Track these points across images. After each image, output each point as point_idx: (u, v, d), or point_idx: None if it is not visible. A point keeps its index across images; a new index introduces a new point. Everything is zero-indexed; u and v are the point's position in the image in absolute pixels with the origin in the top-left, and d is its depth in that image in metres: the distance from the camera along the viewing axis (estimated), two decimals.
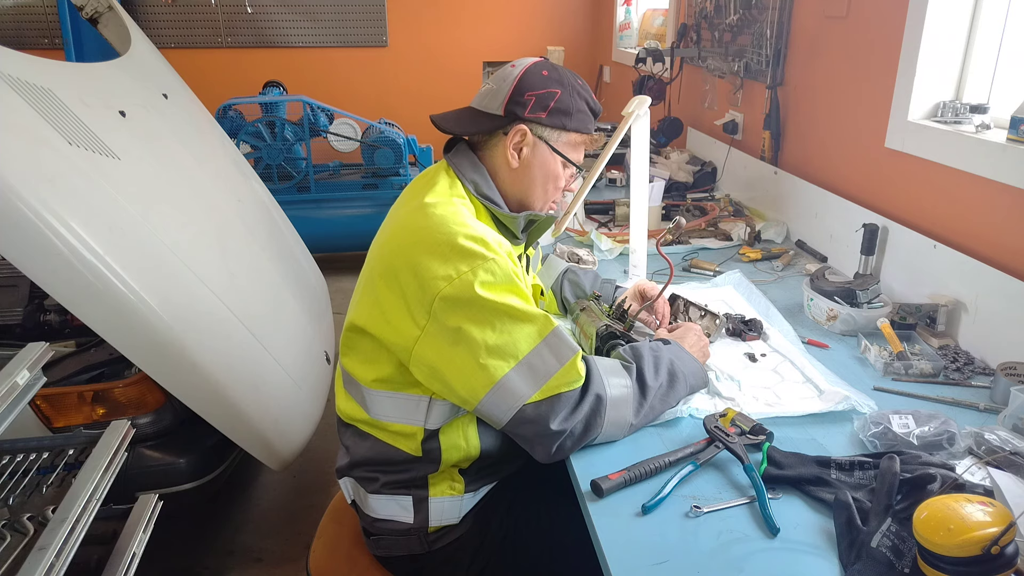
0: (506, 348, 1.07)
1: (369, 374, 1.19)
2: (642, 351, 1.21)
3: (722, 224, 2.18)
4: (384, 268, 1.14)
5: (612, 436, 1.15)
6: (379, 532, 1.27)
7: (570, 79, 1.26)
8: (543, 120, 1.23)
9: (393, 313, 1.11)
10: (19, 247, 1.54)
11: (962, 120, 1.58)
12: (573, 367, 1.09)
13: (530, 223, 1.31)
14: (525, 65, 1.25)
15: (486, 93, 1.27)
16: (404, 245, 1.13)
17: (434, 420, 1.19)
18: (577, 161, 1.31)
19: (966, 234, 1.52)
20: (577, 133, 1.27)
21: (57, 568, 1.09)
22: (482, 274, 1.07)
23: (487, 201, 1.25)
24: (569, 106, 1.24)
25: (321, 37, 4.93)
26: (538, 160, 1.26)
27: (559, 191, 1.32)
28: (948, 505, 0.81)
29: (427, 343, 1.09)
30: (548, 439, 1.08)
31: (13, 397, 1.22)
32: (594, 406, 1.10)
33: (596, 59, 5.06)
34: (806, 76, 2.17)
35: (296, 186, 3.99)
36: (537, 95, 1.22)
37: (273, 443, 1.95)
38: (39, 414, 1.85)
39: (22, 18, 4.60)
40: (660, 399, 1.18)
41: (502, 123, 1.24)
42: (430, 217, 1.14)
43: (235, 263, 2.09)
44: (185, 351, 1.72)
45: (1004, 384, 1.23)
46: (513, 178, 1.28)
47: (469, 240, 1.10)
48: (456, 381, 1.09)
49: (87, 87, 2.05)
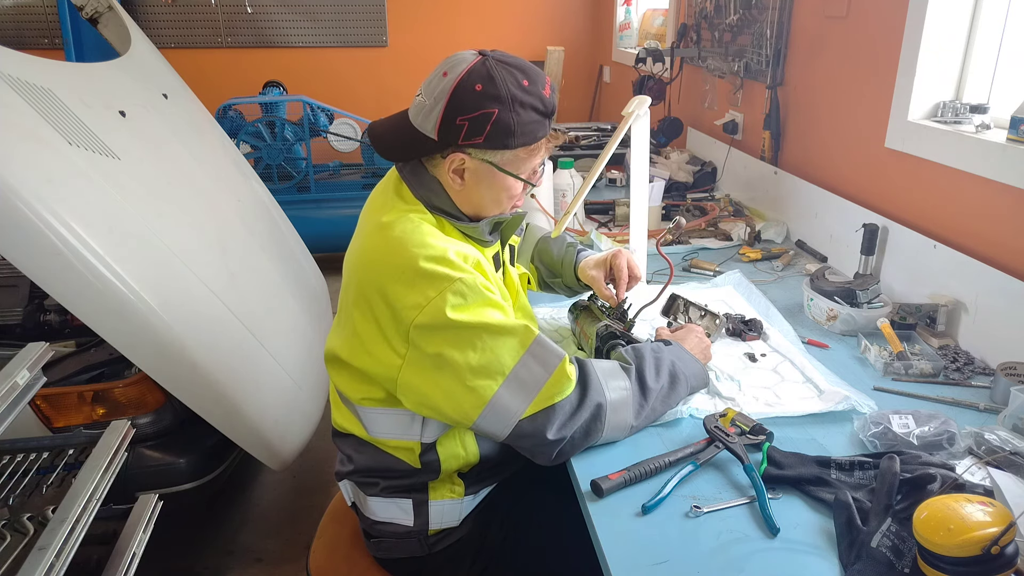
0: (491, 366, 1.05)
1: (359, 394, 1.18)
2: (643, 352, 1.20)
3: (722, 224, 2.18)
4: (356, 296, 1.11)
5: (613, 438, 1.15)
6: (379, 534, 1.27)
7: (510, 89, 1.08)
8: (481, 144, 1.10)
9: (372, 343, 1.09)
10: (19, 247, 1.54)
11: (962, 120, 1.58)
12: (562, 374, 1.08)
13: (497, 224, 1.23)
14: (456, 78, 1.08)
15: (420, 107, 1.12)
16: (370, 272, 1.10)
17: (430, 434, 1.18)
18: (532, 170, 1.19)
19: (966, 234, 1.52)
20: (524, 147, 1.14)
21: (57, 568, 1.09)
22: (451, 297, 1.03)
23: (443, 214, 1.17)
24: (510, 124, 1.09)
25: (321, 37, 4.92)
26: (484, 182, 1.15)
27: (514, 198, 1.21)
28: (948, 505, 0.81)
29: (410, 371, 1.07)
30: (547, 448, 1.08)
31: (13, 397, 1.22)
32: (594, 413, 1.09)
33: (596, 59, 5.06)
34: (806, 76, 2.17)
35: (296, 186, 3.99)
36: (470, 119, 1.08)
37: (273, 443, 1.95)
38: (39, 414, 1.85)
39: (22, 18, 4.59)
40: (661, 400, 1.18)
41: (438, 147, 1.12)
42: (388, 241, 1.09)
43: (235, 263, 2.09)
44: (185, 351, 1.72)
45: (1004, 384, 1.23)
46: (462, 197, 1.18)
47: (430, 262, 1.05)
48: (446, 406, 1.07)
49: (87, 87, 2.05)
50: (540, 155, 1.18)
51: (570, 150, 2.92)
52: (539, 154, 1.18)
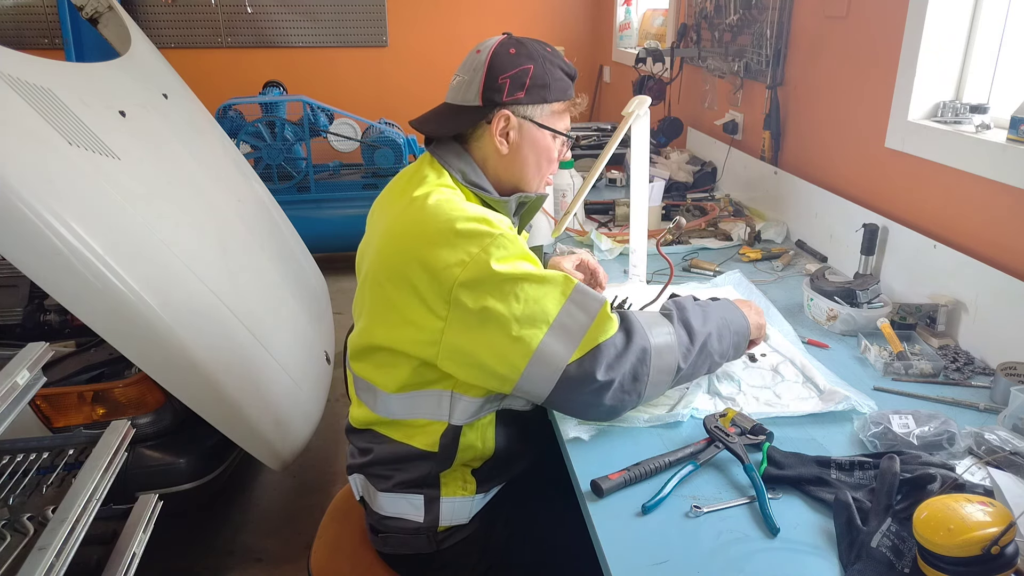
0: (535, 315, 1.06)
1: (388, 380, 1.17)
2: (685, 303, 1.22)
3: (722, 224, 2.18)
4: (390, 272, 1.11)
5: (661, 383, 1.15)
6: (387, 530, 1.27)
7: (539, 50, 1.23)
8: (523, 100, 1.21)
9: (412, 313, 1.09)
10: (19, 247, 1.54)
11: (962, 120, 1.58)
12: (605, 317, 1.09)
13: (521, 205, 1.30)
14: (490, 48, 1.21)
15: (459, 86, 1.24)
16: (405, 243, 1.11)
17: (459, 416, 1.18)
18: (565, 129, 1.29)
19: (966, 234, 1.52)
20: (559, 102, 1.25)
21: (57, 568, 1.09)
22: (494, 250, 1.06)
23: (475, 188, 1.23)
24: (545, 78, 1.22)
25: (321, 37, 4.93)
26: (527, 140, 1.24)
27: (553, 163, 1.31)
28: (948, 505, 0.81)
29: (454, 331, 1.07)
30: (598, 393, 1.07)
31: (13, 397, 1.22)
32: (640, 356, 1.10)
33: (596, 59, 5.06)
34: (806, 76, 2.17)
35: (296, 186, 3.99)
36: (511, 76, 1.20)
37: (273, 443, 1.95)
38: (39, 414, 1.85)
39: (22, 18, 4.60)
40: (715, 344, 1.18)
41: (483, 113, 1.22)
42: (424, 209, 1.12)
43: (235, 263, 2.10)
44: (185, 351, 1.72)
45: (1004, 384, 1.23)
46: (506, 164, 1.26)
47: (471, 222, 1.08)
48: (492, 360, 1.07)
49: (87, 87, 2.05)
50: (568, 116, 1.30)
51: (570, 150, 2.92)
52: (568, 114, 1.29)
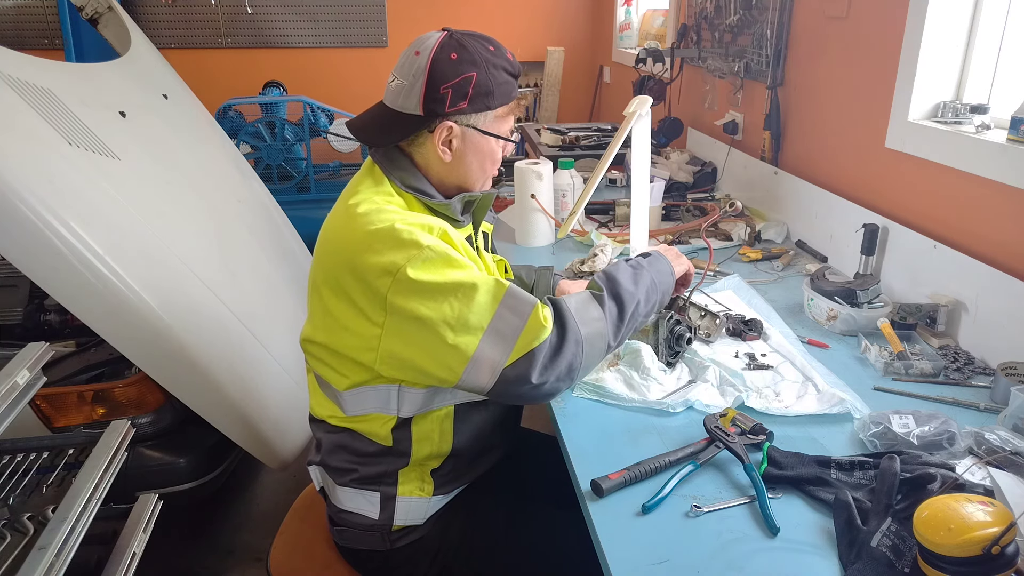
0: (469, 322, 1.07)
1: (337, 375, 1.19)
2: (616, 273, 1.22)
3: (722, 224, 2.18)
4: (325, 276, 1.13)
5: (592, 365, 1.18)
6: (343, 523, 1.28)
7: (481, 52, 1.17)
8: (466, 109, 1.17)
9: (348, 320, 1.11)
10: (19, 247, 1.54)
11: (962, 120, 1.58)
12: (536, 320, 1.09)
13: (469, 203, 1.27)
14: (430, 52, 1.15)
15: (398, 90, 1.18)
16: (337, 250, 1.12)
17: (407, 408, 1.18)
18: (510, 130, 1.26)
19: (966, 234, 1.52)
20: (503, 107, 1.22)
21: (57, 568, 1.09)
22: (420, 262, 1.06)
23: (418, 193, 1.21)
24: (488, 84, 1.17)
25: (321, 37, 4.92)
26: (471, 147, 1.22)
27: (497, 163, 1.28)
28: (948, 505, 0.81)
29: (391, 338, 1.08)
30: (535, 390, 1.09)
31: (13, 397, 1.22)
32: (574, 351, 1.11)
33: (596, 59, 5.06)
34: (806, 76, 2.17)
35: (296, 186, 3.99)
36: (453, 86, 1.15)
37: (273, 443, 1.95)
38: (39, 414, 1.85)
39: (22, 18, 4.59)
40: (643, 308, 1.22)
41: (424, 123, 1.18)
42: (354, 219, 1.12)
43: (235, 263, 2.10)
44: (185, 351, 1.72)
45: (1004, 384, 1.23)
46: (448, 169, 1.23)
47: (396, 232, 1.08)
48: (430, 366, 1.08)
49: (87, 87, 2.05)
50: (513, 116, 1.26)
51: (570, 150, 2.92)
52: (513, 115, 1.26)
